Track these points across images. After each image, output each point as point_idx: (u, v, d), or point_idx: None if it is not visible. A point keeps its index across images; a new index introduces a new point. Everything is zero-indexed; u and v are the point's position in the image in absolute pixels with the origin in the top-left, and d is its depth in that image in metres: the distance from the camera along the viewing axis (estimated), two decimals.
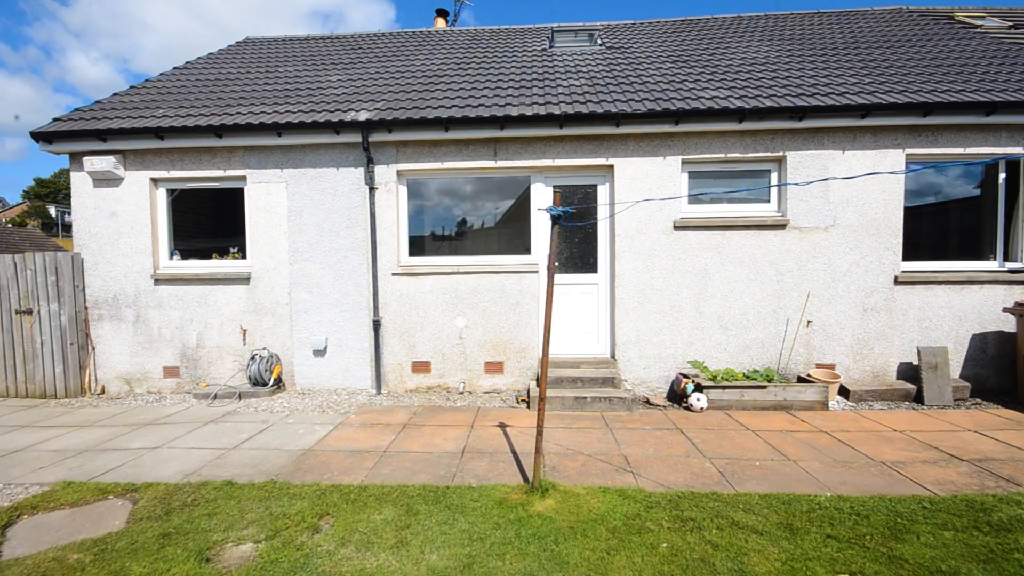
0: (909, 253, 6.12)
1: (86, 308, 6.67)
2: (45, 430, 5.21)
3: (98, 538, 2.98)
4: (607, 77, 7.07)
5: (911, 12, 9.96)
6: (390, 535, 2.91)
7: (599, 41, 8.99)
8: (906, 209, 6.09)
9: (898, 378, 6.08)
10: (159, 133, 6.19)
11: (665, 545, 2.76)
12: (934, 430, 4.84)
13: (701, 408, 5.56)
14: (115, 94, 7.54)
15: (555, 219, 3.35)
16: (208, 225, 8.25)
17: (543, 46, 9.08)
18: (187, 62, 9.13)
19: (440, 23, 11.98)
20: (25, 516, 3.32)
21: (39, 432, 5.15)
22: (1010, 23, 9.09)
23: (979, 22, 9.16)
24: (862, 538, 2.81)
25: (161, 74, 8.46)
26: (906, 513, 3.10)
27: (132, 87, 7.85)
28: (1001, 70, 6.67)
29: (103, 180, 6.52)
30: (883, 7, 10.31)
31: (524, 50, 8.92)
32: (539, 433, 3.48)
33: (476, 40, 9.87)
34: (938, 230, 6.83)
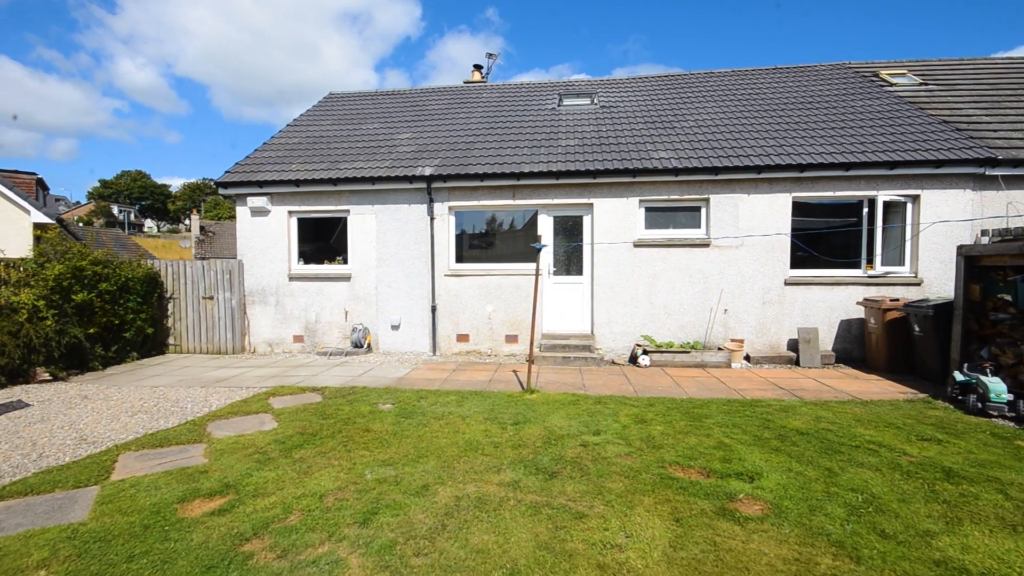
0: (803, 262, 8.87)
1: (244, 296, 10.14)
2: (237, 368, 8.63)
3: (315, 402, 6.25)
4: (594, 138, 10.05)
5: (848, 68, 12.47)
6: (454, 403, 6.07)
7: (595, 101, 11.94)
8: (801, 231, 8.83)
9: (787, 349, 8.85)
10: (296, 183, 9.57)
11: (584, 407, 5.81)
12: (787, 377, 7.65)
13: (645, 365, 8.51)
14: (257, 150, 11.02)
15: (538, 250, 6.42)
16: (310, 235, 11.64)
17: (553, 104, 12.10)
18: (295, 119, 12.61)
19: (476, 75, 15.17)
20: (271, 397, 6.63)
21: (235, 369, 8.57)
22: (921, 79, 11.53)
23: (896, 79, 11.62)
24: (681, 407, 5.78)
25: (280, 131, 11.95)
26: (715, 402, 6.04)
27: (265, 143, 11.33)
28: (876, 130, 9.29)
29: (257, 212, 9.96)
30: (828, 63, 12.84)
31: (539, 108, 11.97)
32: (530, 361, 6.58)
33: (504, 97, 12.98)
34: (826, 245, 9.47)
